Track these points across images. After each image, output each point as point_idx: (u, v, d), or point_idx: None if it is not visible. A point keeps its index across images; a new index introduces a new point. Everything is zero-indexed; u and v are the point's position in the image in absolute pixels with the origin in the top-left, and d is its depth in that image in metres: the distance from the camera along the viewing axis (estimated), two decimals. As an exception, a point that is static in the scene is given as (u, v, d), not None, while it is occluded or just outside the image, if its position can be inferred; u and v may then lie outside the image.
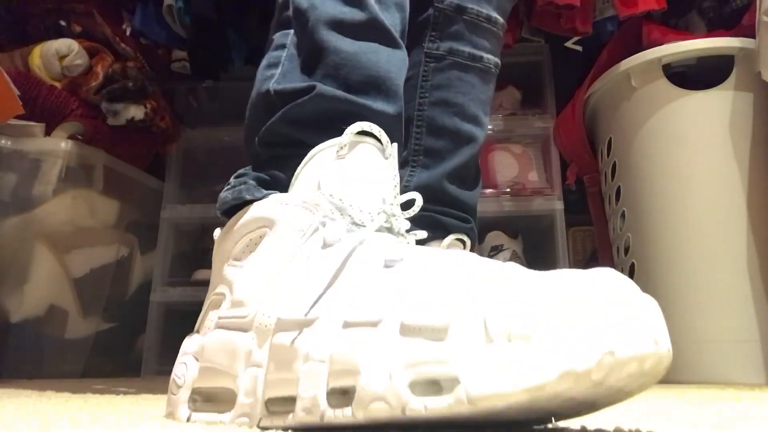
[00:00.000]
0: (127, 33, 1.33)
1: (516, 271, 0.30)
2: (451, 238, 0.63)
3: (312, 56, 0.48)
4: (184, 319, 0.65)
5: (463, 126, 0.67)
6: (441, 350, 0.28)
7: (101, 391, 0.71)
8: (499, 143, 1.41)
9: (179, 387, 0.39)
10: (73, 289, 1.17)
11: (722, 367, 0.97)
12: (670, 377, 1.02)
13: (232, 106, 1.55)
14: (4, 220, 1.10)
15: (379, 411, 0.28)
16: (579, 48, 1.36)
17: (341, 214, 0.39)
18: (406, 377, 0.28)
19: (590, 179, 1.34)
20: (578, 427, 0.33)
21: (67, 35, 1.27)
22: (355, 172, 0.41)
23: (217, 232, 0.45)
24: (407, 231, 0.41)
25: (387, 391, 0.28)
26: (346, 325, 0.32)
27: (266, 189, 0.44)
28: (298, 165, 0.43)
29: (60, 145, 1.14)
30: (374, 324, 0.31)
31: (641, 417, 0.42)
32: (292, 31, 0.51)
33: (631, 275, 1.15)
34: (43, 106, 1.16)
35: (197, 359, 0.39)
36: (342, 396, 0.31)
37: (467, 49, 0.68)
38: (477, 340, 0.27)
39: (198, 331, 0.42)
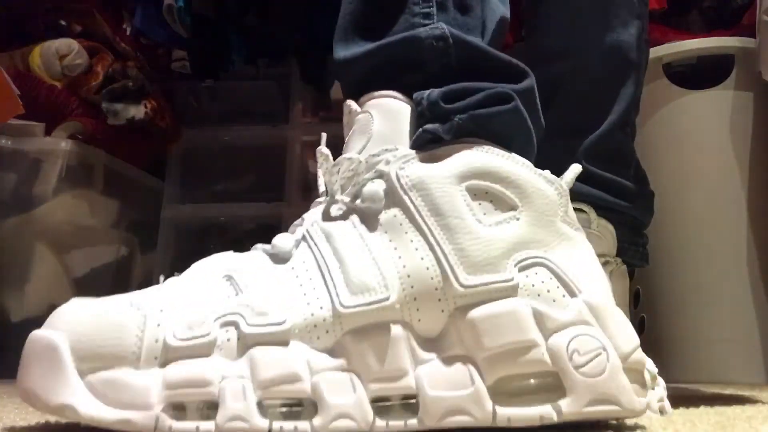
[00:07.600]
0: (127, 33, 1.33)
1: None
2: None
3: None
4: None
5: None
6: None
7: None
8: (499, 143, 1.41)
9: None
10: (73, 289, 1.17)
11: (722, 367, 0.97)
12: (671, 377, 1.02)
13: (232, 106, 1.55)
14: (4, 220, 1.10)
15: None
16: (579, 48, 1.36)
17: None
18: None
19: (590, 179, 1.34)
20: (575, 427, 0.33)
21: (67, 35, 1.26)
22: None
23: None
24: None
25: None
26: None
27: None
28: None
29: (60, 145, 1.14)
30: None
31: (640, 417, 0.42)
32: None
33: (631, 276, 1.15)
34: (43, 106, 1.16)
35: None
36: None
37: None
38: None
39: None
